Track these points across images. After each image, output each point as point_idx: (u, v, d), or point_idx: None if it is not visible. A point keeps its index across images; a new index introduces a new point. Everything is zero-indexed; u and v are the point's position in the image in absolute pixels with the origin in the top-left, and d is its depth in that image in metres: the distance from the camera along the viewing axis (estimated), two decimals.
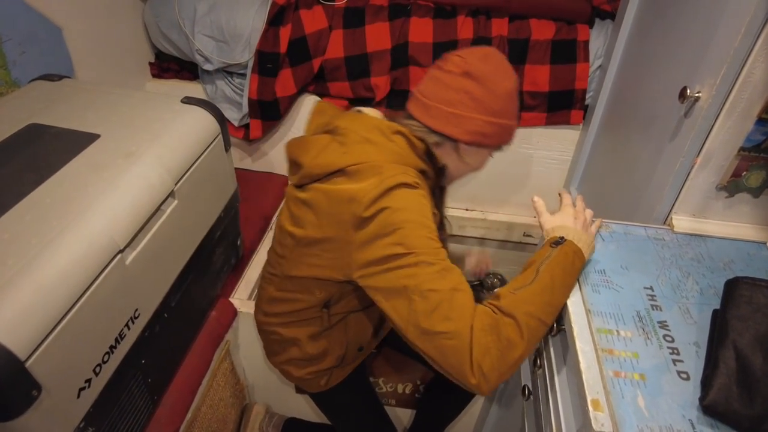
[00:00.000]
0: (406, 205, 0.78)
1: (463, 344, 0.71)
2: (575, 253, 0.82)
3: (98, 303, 0.77)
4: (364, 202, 0.78)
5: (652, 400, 0.68)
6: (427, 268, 0.75)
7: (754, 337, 0.69)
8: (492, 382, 0.71)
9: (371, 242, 0.78)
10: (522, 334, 0.72)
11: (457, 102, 0.88)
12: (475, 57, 0.89)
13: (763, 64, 0.81)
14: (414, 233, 0.77)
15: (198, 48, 1.55)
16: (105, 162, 0.90)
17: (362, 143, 0.85)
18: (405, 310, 0.75)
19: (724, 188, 0.96)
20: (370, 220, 0.78)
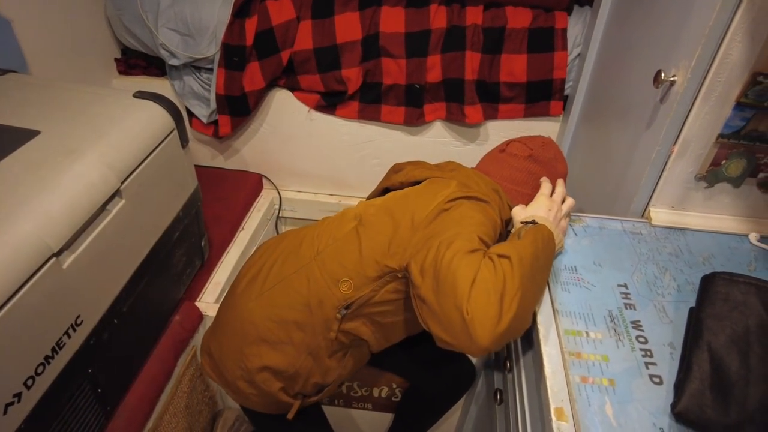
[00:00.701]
0: (479, 210, 0.83)
1: (465, 274, 0.69)
2: (548, 235, 0.80)
3: (29, 310, 0.71)
4: (449, 197, 0.85)
5: (620, 407, 0.63)
6: (464, 237, 0.75)
7: (729, 337, 0.64)
8: (488, 322, 0.65)
9: (438, 225, 0.81)
10: (513, 270, 0.69)
11: (523, 182, 0.97)
12: (537, 144, 1.00)
13: (741, 44, 0.76)
14: (468, 221, 0.80)
15: (162, 42, 1.49)
16: (42, 160, 0.84)
17: (467, 176, 0.94)
18: (426, 258, 0.75)
19: (703, 178, 0.91)
20: (446, 212, 0.83)
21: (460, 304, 0.67)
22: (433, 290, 0.72)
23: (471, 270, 0.70)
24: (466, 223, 0.81)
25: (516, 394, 0.81)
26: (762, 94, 0.79)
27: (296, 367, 0.91)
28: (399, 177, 1.02)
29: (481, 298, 0.66)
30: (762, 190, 0.90)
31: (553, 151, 1.01)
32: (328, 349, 0.91)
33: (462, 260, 0.71)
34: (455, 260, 0.71)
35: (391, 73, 1.45)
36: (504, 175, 0.98)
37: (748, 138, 0.84)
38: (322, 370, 0.93)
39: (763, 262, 0.86)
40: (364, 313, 0.89)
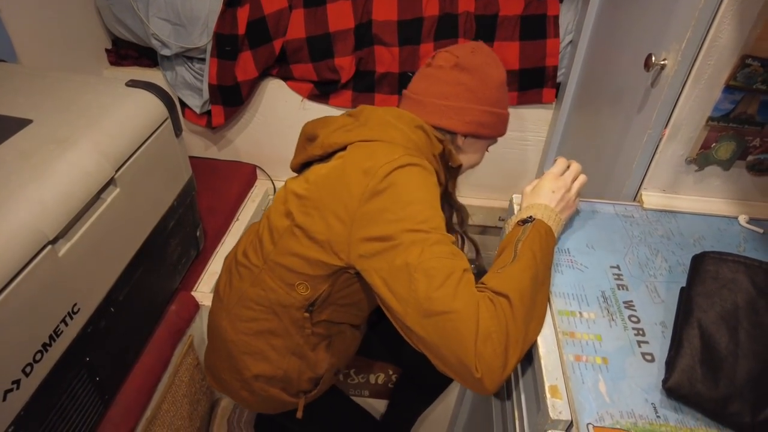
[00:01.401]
0: (419, 184, 0.77)
1: (468, 327, 0.64)
2: (547, 232, 0.77)
3: (26, 297, 0.71)
4: (379, 174, 0.75)
5: (614, 384, 0.64)
6: (435, 245, 0.70)
7: (719, 314, 0.65)
8: (495, 373, 0.63)
9: (378, 216, 0.74)
10: (515, 313, 0.66)
11: (452, 94, 0.89)
12: (464, 51, 0.92)
13: (730, 27, 0.77)
14: (424, 212, 0.74)
15: (153, 32, 1.48)
16: (35, 149, 0.83)
17: (383, 125, 0.85)
18: (404, 290, 0.69)
19: (694, 161, 0.92)
20: (380, 194, 0.75)
21: (467, 362, 0.63)
22: (424, 328, 0.68)
23: (471, 320, 0.64)
24: (418, 206, 0.74)
25: (511, 376, 0.82)
26: (751, 77, 0.80)
27: (284, 369, 0.92)
28: (315, 149, 0.90)
29: (488, 352, 0.63)
30: (751, 172, 0.92)
31: (483, 56, 0.92)
32: (310, 345, 0.92)
33: (457, 306, 0.65)
34: (452, 307, 0.65)
35: (384, 61, 1.45)
36: (432, 90, 0.90)
37: (737, 121, 0.85)
38: (311, 364, 0.94)
39: (752, 243, 0.88)
40: (331, 302, 0.88)
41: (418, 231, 0.72)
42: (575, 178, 0.84)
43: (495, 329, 0.64)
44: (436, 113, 0.89)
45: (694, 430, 0.60)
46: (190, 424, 1.31)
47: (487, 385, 0.64)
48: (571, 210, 0.85)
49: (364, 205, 0.75)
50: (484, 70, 0.90)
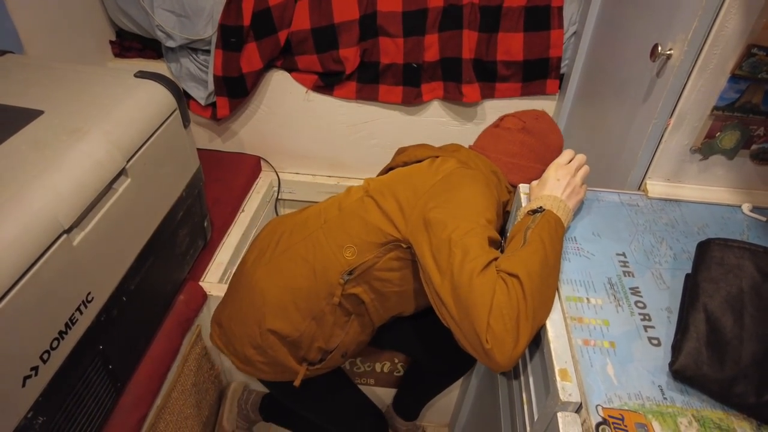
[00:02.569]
0: (481, 189, 0.87)
1: (484, 302, 0.70)
2: (556, 222, 0.80)
3: (43, 286, 0.73)
4: (451, 168, 0.91)
5: (621, 367, 0.66)
6: (476, 237, 0.78)
7: (724, 298, 0.67)
8: (506, 348, 0.67)
9: (440, 203, 0.84)
10: (525, 292, 0.70)
11: (519, 154, 1.01)
12: (530, 117, 1.04)
13: (736, 16, 0.77)
14: (480, 208, 0.83)
15: (158, 23, 1.48)
16: (47, 139, 0.84)
17: (467, 154, 0.98)
18: (444, 261, 0.77)
19: (698, 150, 0.93)
20: (448, 184, 0.87)
21: (479, 332, 0.69)
22: (453, 299, 0.74)
23: (488, 295, 0.70)
24: (473, 206, 0.83)
25: (519, 362, 0.84)
26: (756, 66, 0.81)
27: (300, 331, 0.95)
28: (402, 157, 1.06)
29: (499, 326, 0.68)
30: (755, 161, 0.93)
31: (546, 123, 1.04)
32: (332, 315, 0.95)
33: (478, 281, 0.72)
34: (474, 281, 0.72)
35: (388, 52, 1.46)
36: (499, 149, 1.02)
37: (742, 110, 0.86)
38: (326, 335, 0.97)
39: (755, 231, 0.89)
40: (367, 279, 0.93)
41: (468, 219, 0.81)
42: (580, 166, 0.88)
43: (506, 307, 0.69)
44: (504, 168, 1.00)
45: (700, 411, 0.61)
46: (199, 413, 1.33)
47: (498, 359, 0.68)
48: (579, 196, 0.87)
49: (431, 190, 0.87)
50: (547, 135, 1.02)
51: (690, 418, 0.60)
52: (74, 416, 0.85)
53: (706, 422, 0.60)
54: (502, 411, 0.92)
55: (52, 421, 0.79)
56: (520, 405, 0.80)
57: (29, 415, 0.74)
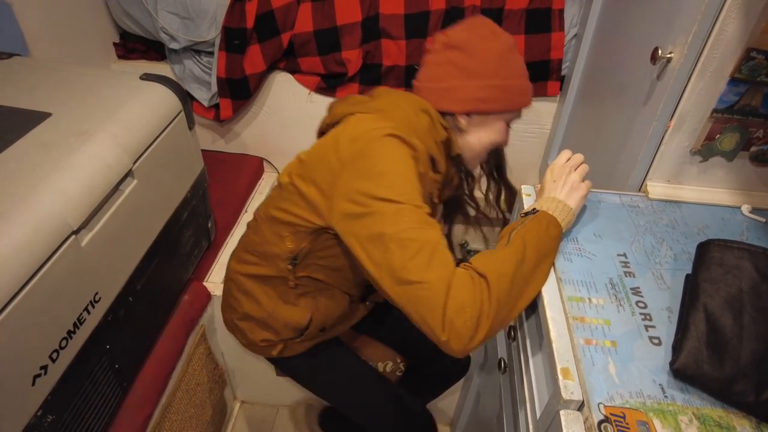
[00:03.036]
0: (396, 155, 0.78)
1: (437, 297, 0.68)
2: (549, 221, 0.79)
3: (52, 286, 0.74)
4: (360, 141, 0.78)
5: (623, 366, 0.67)
6: (409, 216, 0.73)
7: (724, 298, 0.68)
8: (464, 342, 0.68)
9: (356, 182, 0.77)
10: (491, 293, 0.69)
11: (442, 75, 0.88)
12: (457, 29, 0.90)
13: (735, 20, 0.78)
14: (399, 182, 0.76)
15: (162, 26, 1.49)
16: (55, 141, 0.85)
17: (389, 103, 0.87)
18: (380, 257, 0.73)
19: (698, 152, 0.94)
20: (359, 160, 0.78)
21: (434, 328, 0.68)
22: (398, 295, 0.72)
23: (442, 289, 0.68)
24: (393, 179, 0.75)
25: (521, 361, 0.85)
26: (755, 69, 0.82)
27: (269, 312, 0.99)
28: (327, 118, 0.94)
29: (459, 322, 0.67)
30: (754, 163, 0.94)
31: (477, 29, 0.89)
32: (295, 295, 0.98)
33: (429, 273, 0.69)
34: (422, 279, 0.69)
35: (390, 54, 1.47)
36: (426, 75, 0.91)
37: (741, 112, 0.87)
38: (295, 315, 0.99)
39: (755, 232, 0.90)
40: (312, 261, 0.94)
41: (391, 201, 0.74)
42: (576, 165, 0.86)
43: (470, 303, 0.68)
44: (432, 97, 0.89)
45: (701, 409, 0.62)
46: (203, 412, 1.34)
47: (454, 349, 0.69)
48: (581, 192, 0.84)
49: (345, 169, 0.79)
50: (476, 44, 0.87)
51: (690, 416, 0.61)
52: (82, 415, 0.86)
53: (706, 420, 0.61)
54: (504, 409, 0.93)
55: (60, 420, 0.80)
56: (522, 403, 0.81)
57: (39, 414, 0.75)
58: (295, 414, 1.62)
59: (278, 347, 1.03)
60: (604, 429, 0.60)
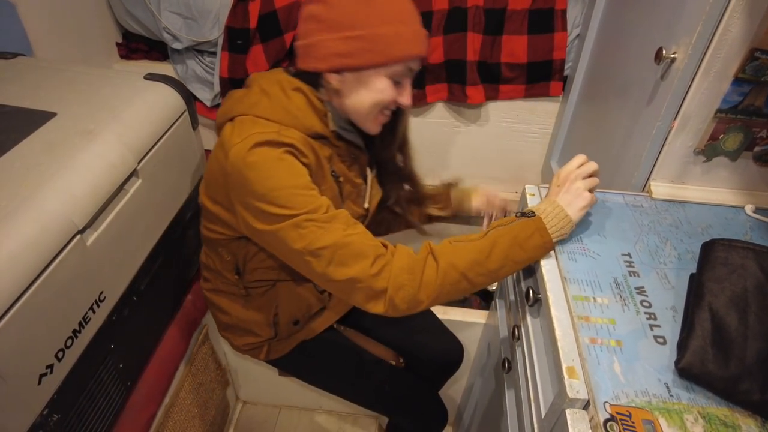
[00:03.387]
0: (270, 167, 0.76)
1: (369, 285, 0.75)
2: (538, 229, 0.79)
3: (58, 285, 0.74)
4: (234, 157, 0.76)
5: (628, 365, 0.67)
6: (308, 225, 0.75)
7: (729, 298, 0.68)
8: (401, 313, 0.77)
9: (248, 199, 0.77)
10: (437, 279, 0.76)
11: (307, 31, 0.81)
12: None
13: (739, 21, 0.79)
14: (283, 194, 0.75)
15: (165, 26, 1.49)
16: (61, 140, 0.85)
17: (260, 95, 0.83)
18: (305, 268, 0.78)
19: (702, 152, 0.94)
20: (240, 179, 0.76)
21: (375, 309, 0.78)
22: (329, 288, 0.80)
23: (367, 278, 0.75)
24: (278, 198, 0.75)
25: (526, 360, 0.85)
26: (759, 69, 0.82)
27: (239, 318, 1.02)
28: (216, 119, 0.90)
29: (398, 298, 0.76)
30: (757, 163, 0.94)
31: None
32: (252, 298, 0.99)
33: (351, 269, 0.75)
34: (345, 273, 0.75)
35: None
36: (297, 33, 0.85)
37: (745, 112, 0.88)
38: (261, 315, 1.00)
39: (758, 232, 0.90)
40: (254, 267, 0.94)
41: (286, 217, 0.74)
42: (586, 174, 0.84)
43: (408, 282, 0.76)
44: (300, 57, 0.83)
45: (706, 408, 0.63)
46: (206, 412, 1.35)
47: (391, 315, 0.78)
48: (583, 202, 0.82)
49: (233, 187, 0.78)
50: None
51: (696, 415, 0.62)
52: (87, 414, 0.86)
53: (711, 419, 0.61)
54: (508, 409, 0.93)
55: (66, 419, 0.80)
56: (527, 403, 0.81)
57: (45, 413, 0.75)
58: (297, 415, 1.62)
59: (263, 350, 1.05)
60: (610, 428, 0.60)
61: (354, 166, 0.96)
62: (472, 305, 1.72)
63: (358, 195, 0.98)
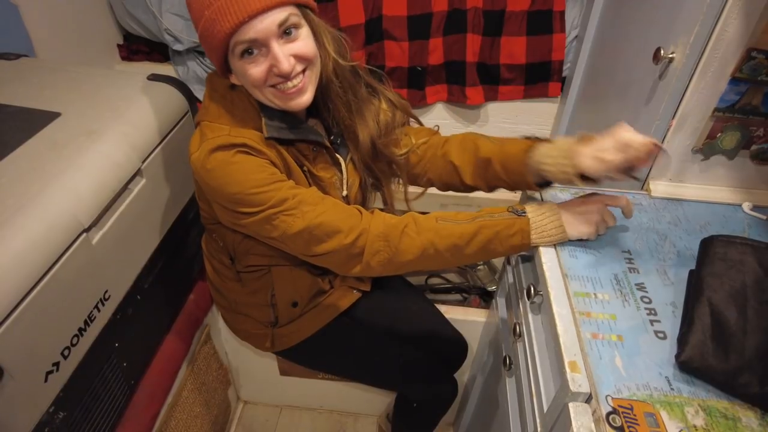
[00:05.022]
0: (229, 170, 0.77)
1: (345, 253, 0.80)
2: (521, 231, 0.81)
3: (64, 283, 0.75)
4: (195, 166, 0.80)
5: (629, 359, 0.68)
6: (279, 216, 0.78)
7: (728, 293, 0.69)
8: (375, 273, 0.83)
9: (221, 199, 0.81)
10: (415, 251, 0.81)
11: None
12: None
13: (736, 21, 0.80)
14: (250, 192, 0.77)
15: (166, 27, 1.50)
16: (66, 140, 0.86)
17: (208, 100, 0.85)
18: (288, 249, 0.84)
19: (700, 151, 0.95)
20: (210, 184, 0.79)
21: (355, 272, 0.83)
22: (321, 263, 0.85)
23: (345, 249, 0.80)
24: (245, 196, 0.77)
25: (527, 357, 0.86)
26: (756, 69, 0.83)
27: (234, 300, 1.05)
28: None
29: (374, 262, 0.81)
30: (755, 161, 0.95)
31: None
32: (248, 281, 1.01)
33: (328, 244, 0.80)
34: (323, 248, 0.80)
35: (393, 55, 1.48)
36: None
37: (742, 111, 0.89)
38: (257, 298, 1.02)
39: (756, 229, 0.91)
40: (245, 250, 0.95)
41: (258, 212, 0.78)
42: (614, 204, 0.85)
43: (383, 248, 0.81)
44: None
45: (706, 401, 0.64)
46: (208, 411, 1.35)
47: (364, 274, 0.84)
48: (586, 229, 0.82)
49: (208, 188, 0.81)
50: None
51: (697, 408, 0.63)
52: (91, 412, 0.87)
53: (712, 411, 0.62)
54: (510, 406, 0.94)
55: (71, 417, 0.80)
56: (528, 399, 0.82)
57: (51, 410, 0.75)
58: (298, 414, 1.63)
59: (267, 342, 1.06)
60: (613, 420, 0.61)
61: (320, 157, 0.92)
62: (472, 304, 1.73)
63: (333, 185, 0.94)
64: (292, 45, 0.76)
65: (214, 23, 0.72)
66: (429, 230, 0.81)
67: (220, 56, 0.77)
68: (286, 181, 0.81)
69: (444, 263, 0.84)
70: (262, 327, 1.05)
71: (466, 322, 1.30)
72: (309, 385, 1.52)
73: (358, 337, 1.12)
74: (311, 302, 1.04)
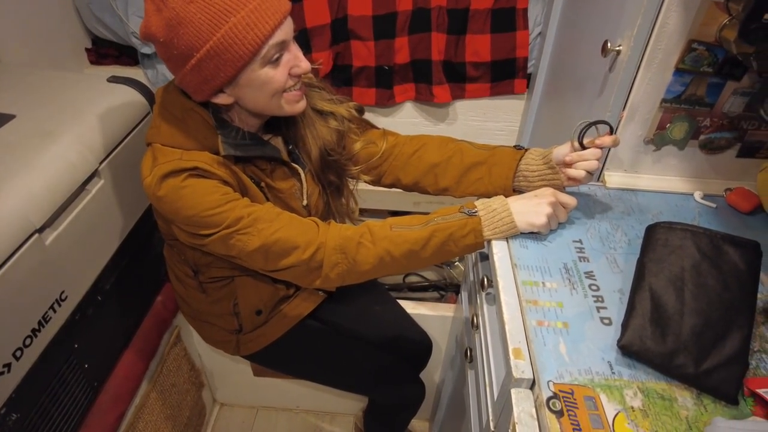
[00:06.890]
0: (180, 195, 0.76)
1: (304, 268, 0.82)
2: (474, 231, 0.83)
3: (14, 284, 0.75)
4: (148, 192, 0.78)
5: (573, 346, 0.69)
6: (234, 236, 0.79)
7: (668, 277, 0.71)
8: (334, 285, 0.86)
9: (175, 222, 0.81)
10: (372, 261, 0.82)
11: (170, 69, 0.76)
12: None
13: (676, 14, 0.82)
14: (203, 215, 0.77)
15: (133, 30, 1.50)
16: (19, 142, 0.86)
17: (159, 120, 0.80)
18: (248, 266, 0.86)
19: (651, 141, 0.97)
20: (165, 208, 0.78)
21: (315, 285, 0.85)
22: (282, 277, 0.86)
23: (304, 263, 0.81)
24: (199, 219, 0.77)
25: (483, 347, 0.87)
26: (697, 60, 0.85)
27: (198, 309, 1.04)
28: None
29: (333, 275, 0.83)
30: (703, 151, 0.97)
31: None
32: (210, 291, 1.00)
33: (288, 260, 0.81)
34: (282, 263, 0.82)
35: (360, 55, 1.49)
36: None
37: (688, 102, 0.91)
38: (221, 306, 1.01)
39: (706, 217, 0.93)
40: (207, 263, 0.94)
41: (214, 233, 0.78)
42: (564, 202, 0.86)
43: (341, 261, 0.82)
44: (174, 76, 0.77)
45: (645, 383, 0.65)
46: (179, 413, 1.35)
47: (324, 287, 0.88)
48: (537, 219, 0.82)
49: (164, 213, 0.80)
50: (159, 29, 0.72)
51: (635, 390, 0.64)
52: (50, 413, 0.86)
53: (650, 393, 0.64)
54: (471, 398, 0.95)
55: (26, 418, 0.80)
56: (483, 388, 0.83)
57: (2, 412, 0.75)
58: (275, 415, 1.63)
59: (232, 346, 1.06)
60: (553, 405, 0.62)
61: (278, 169, 0.91)
62: (449, 301, 1.74)
63: (293, 195, 0.93)
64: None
65: (248, 28, 0.68)
66: (384, 239, 0.82)
67: (235, 71, 0.72)
68: (241, 200, 0.80)
69: (402, 269, 0.85)
70: (228, 334, 1.05)
71: (435, 317, 1.31)
72: (285, 386, 1.52)
73: (324, 340, 1.13)
74: (275, 308, 1.04)
